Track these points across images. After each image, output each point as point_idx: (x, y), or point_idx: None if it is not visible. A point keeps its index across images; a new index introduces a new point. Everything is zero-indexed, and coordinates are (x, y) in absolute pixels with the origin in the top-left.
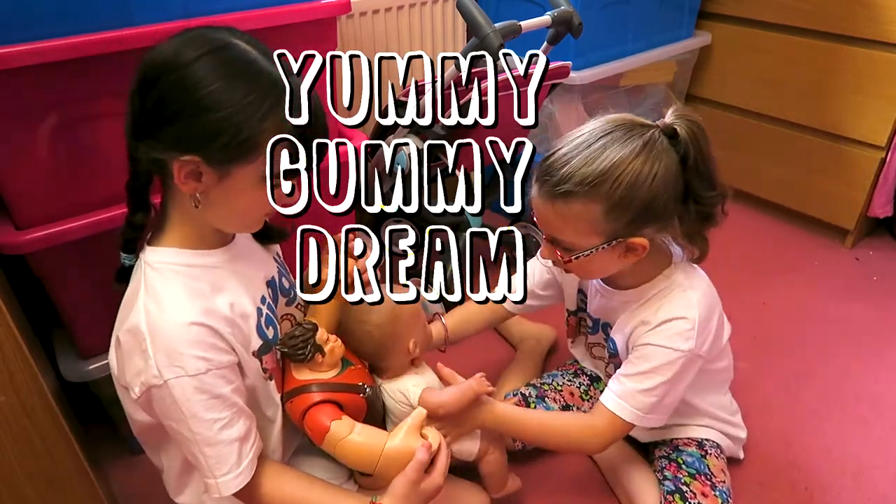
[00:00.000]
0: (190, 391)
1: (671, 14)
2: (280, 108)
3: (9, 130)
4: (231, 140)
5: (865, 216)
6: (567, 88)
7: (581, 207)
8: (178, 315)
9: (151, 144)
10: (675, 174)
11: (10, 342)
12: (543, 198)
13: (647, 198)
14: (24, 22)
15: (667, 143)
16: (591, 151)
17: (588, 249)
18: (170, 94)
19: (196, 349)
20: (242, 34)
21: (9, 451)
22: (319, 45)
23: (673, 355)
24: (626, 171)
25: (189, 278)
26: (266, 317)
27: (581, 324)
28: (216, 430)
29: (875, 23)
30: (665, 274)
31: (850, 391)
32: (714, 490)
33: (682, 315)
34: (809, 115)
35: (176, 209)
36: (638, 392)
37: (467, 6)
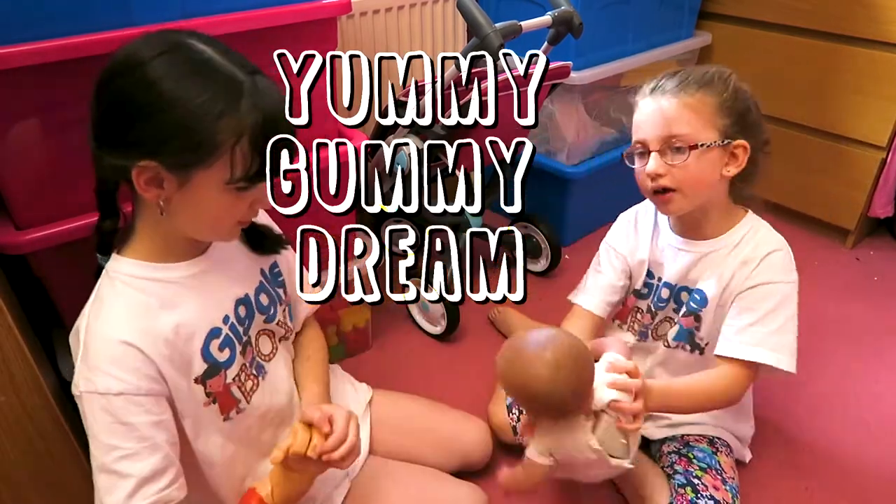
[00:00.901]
0: (96, 409)
1: (671, 14)
2: (235, 108)
3: (9, 130)
4: (185, 143)
5: (866, 216)
6: (567, 88)
7: (702, 96)
8: (110, 330)
9: (110, 150)
10: (757, 106)
11: (10, 342)
12: (665, 97)
13: (745, 106)
14: (25, 22)
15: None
16: (695, 69)
17: (708, 142)
18: (123, 96)
19: (115, 367)
20: (204, 36)
21: (9, 452)
22: (320, 45)
23: (788, 287)
24: (729, 77)
25: (138, 292)
26: (224, 338)
27: (638, 312)
28: (112, 459)
29: (875, 23)
30: (747, 218)
31: (851, 391)
32: (725, 484)
33: (779, 247)
34: (810, 115)
35: (142, 218)
36: (770, 334)
37: (468, 6)
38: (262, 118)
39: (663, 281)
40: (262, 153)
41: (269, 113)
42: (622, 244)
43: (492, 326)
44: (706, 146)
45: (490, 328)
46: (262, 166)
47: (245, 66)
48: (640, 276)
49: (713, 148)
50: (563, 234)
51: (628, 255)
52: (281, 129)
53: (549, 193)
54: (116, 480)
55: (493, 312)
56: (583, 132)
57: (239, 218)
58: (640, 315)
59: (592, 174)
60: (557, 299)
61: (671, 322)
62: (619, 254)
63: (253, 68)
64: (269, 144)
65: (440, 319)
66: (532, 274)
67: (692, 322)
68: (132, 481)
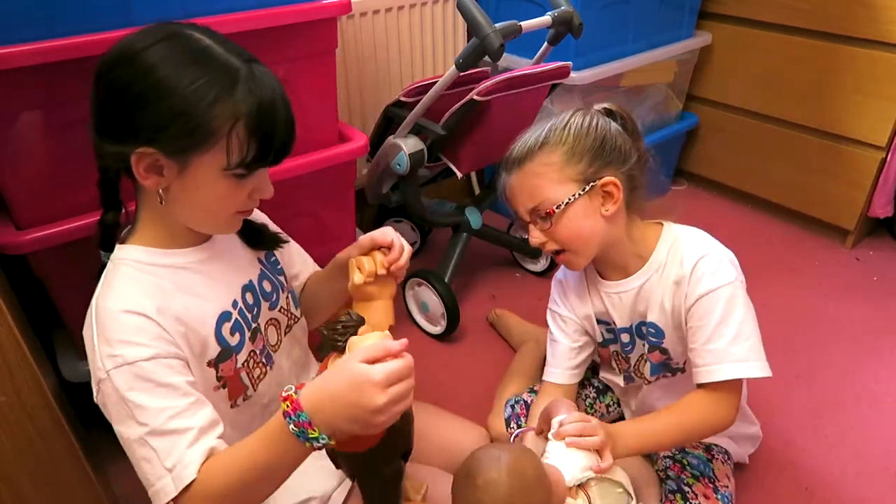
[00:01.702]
0: (132, 380)
1: (671, 14)
2: (230, 94)
3: (9, 130)
4: (182, 128)
5: (866, 216)
6: (567, 89)
7: (544, 157)
8: (125, 303)
9: (110, 138)
10: (617, 128)
11: (10, 342)
12: (513, 173)
13: (597, 137)
14: (25, 22)
15: (603, 115)
16: (535, 126)
17: (566, 198)
18: (121, 84)
19: (139, 336)
20: (202, 27)
21: (9, 452)
22: (320, 45)
23: (727, 290)
24: (570, 120)
25: (150, 276)
26: (235, 322)
27: (615, 357)
28: (164, 419)
29: (875, 23)
30: (664, 234)
31: (851, 391)
32: (716, 493)
33: (703, 253)
34: (810, 115)
35: (145, 207)
36: (729, 345)
37: (468, 6)
38: (257, 104)
39: (618, 327)
40: (260, 140)
41: (265, 99)
42: (562, 307)
43: (491, 327)
44: (566, 203)
45: (490, 328)
46: (260, 153)
47: (242, 54)
48: (595, 328)
49: (575, 200)
50: None
51: (572, 314)
52: (277, 116)
53: None
54: (176, 438)
55: (491, 315)
56: None
57: (238, 207)
58: (619, 359)
59: None
60: None
61: (645, 358)
62: (564, 317)
63: (249, 56)
64: (265, 131)
65: (440, 319)
66: (532, 274)
67: (660, 356)
68: (192, 431)
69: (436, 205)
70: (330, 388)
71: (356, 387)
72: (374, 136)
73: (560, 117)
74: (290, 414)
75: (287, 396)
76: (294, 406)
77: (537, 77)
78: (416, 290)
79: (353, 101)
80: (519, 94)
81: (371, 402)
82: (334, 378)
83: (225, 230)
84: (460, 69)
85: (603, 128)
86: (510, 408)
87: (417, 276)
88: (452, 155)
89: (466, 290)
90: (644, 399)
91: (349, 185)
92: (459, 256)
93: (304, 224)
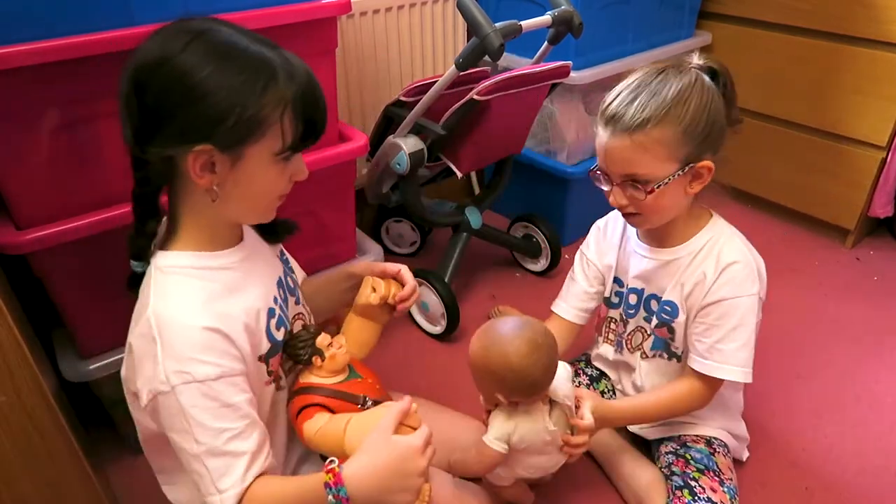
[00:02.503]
0: (198, 397)
1: (671, 14)
2: (275, 81)
3: (9, 130)
4: (238, 119)
5: (866, 216)
6: (567, 88)
7: (659, 133)
8: (190, 319)
9: (160, 144)
10: (721, 104)
11: (10, 342)
12: (619, 135)
13: (710, 121)
14: (25, 22)
15: (709, 80)
16: (654, 86)
17: (666, 177)
18: (167, 87)
19: (207, 354)
20: (218, 20)
21: (9, 452)
22: (320, 44)
23: (749, 301)
24: (691, 95)
25: (203, 281)
26: (278, 318)
27: (612, 321)
28: (224, 440)
29: (875, 23)
30: (709, 225)
31: (851, 391)
32: (722, 486)
33: (736, 259)
34: (810, 115)
35: (187, 210)
36: (737, 350)
37: (468, 6)
38: (299, 87)
39: (628, 286)
40: (304, 120)
41: (304, 81)
42: (592, 251)
43: None
44: (664, 183)
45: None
46: (306, 132)
47: (265, 41)
48: (609, 281)
49: (673, 180)
50: (563, 233)
51: (598, 260)
52: (317, 95)
53: (549, 193)
54: (231, 460)
55: (493, 312)
56: (583, 132)
57: (281, 191)
58: (613, 325)
59: None
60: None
61: (643, 333)
62: (590, 261)
63: (272, 43)
64: (309, 111)
65: (440, 319)
66: (532, 274)
67: (665, 333)
68: (246, 458)
69: (436, 204)
70: (375, 464)
71: (402, 456)
72: (373, 135)
73: (680, 85)
74: (332, 486)
75: (331, 469)
76: (336, 480)
77: (537, 77)
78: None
79: (353, 101)
80: (519, 93)
81: (417, 468)
82: (377, 453)
83: (268, 217)
84: (460, 69)
85: (715, 108)
86: None
87: (417, 276)
88: (452, 154)
89: (466, 289)
90: (641, 386)
91: (349, 184)
92: (459, 256)
93: (303, 224)
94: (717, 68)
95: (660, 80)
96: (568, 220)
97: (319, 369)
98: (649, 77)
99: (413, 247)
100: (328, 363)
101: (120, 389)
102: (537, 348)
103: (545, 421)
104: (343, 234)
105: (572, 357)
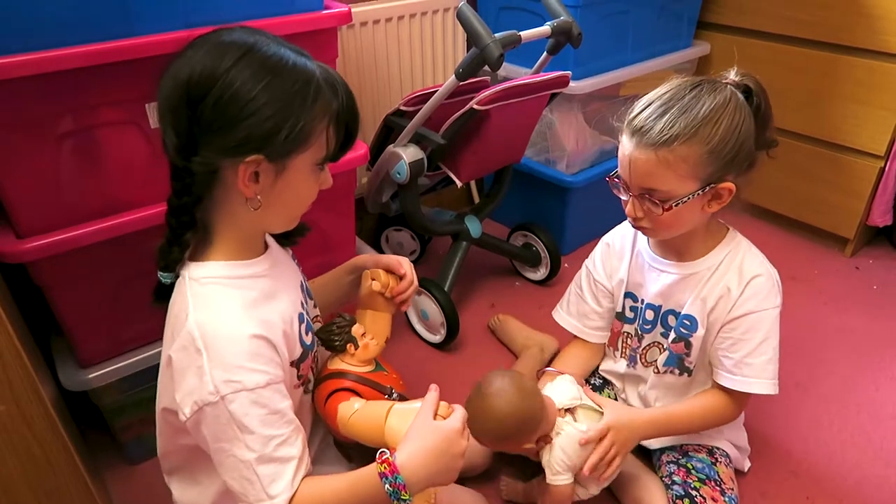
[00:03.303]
0: (248, 405)
1: (670, 24)
2: (322, 94)
3: (9, 140)
4: (291, 131)
5: (865, 225)
6: (567, 98)
7: (685, 150)
8: (236, 328)
9: (210, 155)
10: (751, 126)
11: (9, 350)
12: (644, 148)
13: (738, 143)
14: (25, 32)
15: (743, 99)
16: (686, 102)
17: (686, 196)
18: (223, 101)
19: (255, 362)
20: (256, 30)
21: (7, 460)
22: (320, 54)
23: (774, 313)
24: (722, 116)
25: (241, 290)
26: (307, 323)
27: (627, 336)
28: (273, 447)
29: (874, 33)
30: (727, 238)
31: (851, 400)
32: (724, 496)
33: (759, 272)
34: (809, 125)
35: (224, 219)
36: (766, 363)
37: (467, 16)
38: (342, 98)
39: (646, 302)
40: (346, 130)
41: (345, 93)
42: (600, 271)
43: (492, 335)
44: (682, 202)
45: (490, 336)
46: (345, 142)
47: (304, 53)
48: (620, 298)
49: (691, 200)
50: (563, 242)
51: (606, 280)
52: (354, 106)
53: (549, 202)
54: (279, 466)
55: (493, 321)
56: (582, 141)
57: (312, 199)
58: (629, 339)
59: (592, 183)
60: None
61: (660, 347)
62: (598, 281)
63: (308, 54)
64: (349, 121)
65: (440, 328)
66: (531, 282)
67: (682, 348)
68: (294, 462)
69: (435, 213)
70: (424, 449)
71: (446, 439)
72: (373, 144)
73: (713, 104)
74: (388, 475)
75: (385, 459)
76: (392, 469)
77: (537, 86)
78: (416, 299)
79: None
80: (518, 103)
81: (459, 448)
82: (424, 439)
83: (295, 224)
84: (460, 78)
85: (746, 130)
86: None
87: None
88: (452, 164)
89: (466, 298)
90: (645, 397)
91: (349, 193)
92: (459, 265)
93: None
94: (753, 87)
95: (693, 96)
96: (567, 229)
97: (352, 357)
98: (682, 91)
99: (413, 255)
100: (361, 352)
101: (118, 398)
102: (503, 394)
103: (573, 427)
104: (343, 242)
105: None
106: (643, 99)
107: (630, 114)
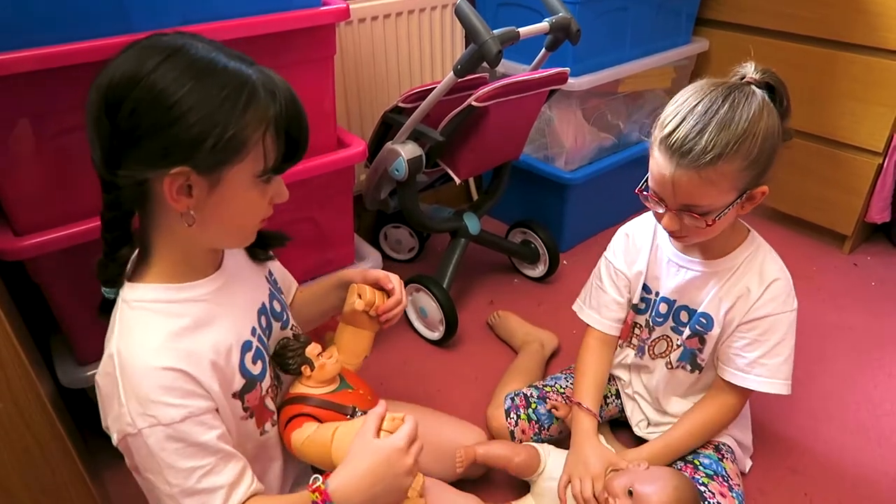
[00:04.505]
0: (164, 440)
1: (669, 21)
2: (257, 99)
3: (7, 137)
4: (218, 140)
5: (863, 222)
6: (565, 94)
7: (727, 168)
8: (150, 359)
9: (133, 167)
10: (779, 125)
11: (7, 348)
12: (686, 168)
13: (772, 148)
14: (22, 28)
15: (768, 97)
16: (723, 116)
17: (726, 207)
18: (142, 107)
19: (170, 396)
20: (192, 34)
21: (6, 459)
22: (318, 51)
23: (791, 317)
24: (759, 126)
25: (169, 316)
26: (256, 350)
27: (637, 327)
28: (196, 479)
29: (873, 30)
30: (750, 238)
31: (850, 397)
32: (731, 492)
33: (778, 276)
34: (807, 122)
35: (161, 236)
36: (781, 364)
37: (466, 13)
38: (281, 106)
39: (661, 296)
40: (287, 140)
41: (285, 99)
42: (620, 260)
43: (490, 332)
44: (723, 214)
45: (489, 333)
46: (287, 152)
47: (243, 58)
48: (637, 289)
49: (731, 209)
50: (562, 239)
51: (626, 270)
52: (299, 114)
53: (548, 199)
54: (206, 497)
55: (492, 317)
56: (581, 138)
57: (263, 215)
58: (638, 330)
59: (590, 180)
60: (556, 304)
61: (668, 342)
62: (619, 270)
63: (250, 59)
64: (291, 130)
65: (438, 325)
66: (530, 279)
67: (696, 343)
68: (222, 491)
69: (434, 210)
70: (359, 472)
71: (386, 460)
72: (372, 141)
73: (750, 115)
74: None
75: (316, 488)
76: (323, 497)
77: (535, 83)
78: (415, 296)
79: (352, 107)
80: (517, 99)
81: (403, 467)
82: (360, 460)
83: (248, 241)
84: (458, 75)
85: (777, 133)
86: (510, 400)
87: (415, 282)
88: (450, 160)
89: (465, 295)
90: (652, 388)
91: (347, 190)
92: (458, 262)
93: (302, 230)
94: (775, 85)
95: (727, 108)
96: (566, 225)
97: (308, 379)
98: (716, 103)
99: (411, 253)
100: (317, 373)
101: None
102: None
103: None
104: (341, 239)
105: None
106: (672, 110)
107: (663, 129)
